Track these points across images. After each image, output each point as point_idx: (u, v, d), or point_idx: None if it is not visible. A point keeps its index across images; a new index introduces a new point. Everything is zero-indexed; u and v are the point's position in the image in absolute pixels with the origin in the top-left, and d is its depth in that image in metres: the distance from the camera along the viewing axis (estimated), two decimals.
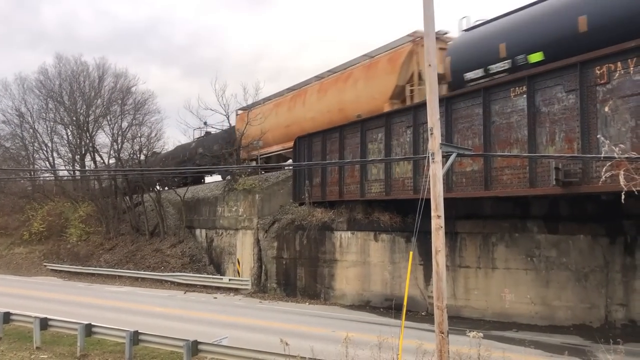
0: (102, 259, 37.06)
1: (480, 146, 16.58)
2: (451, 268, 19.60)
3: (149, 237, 37.05)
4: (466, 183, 17.29)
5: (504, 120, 16.09)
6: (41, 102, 46.44)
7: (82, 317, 17.73)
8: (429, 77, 9.12)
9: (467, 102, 17.32)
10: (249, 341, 14.76)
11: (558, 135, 14.60)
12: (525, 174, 15.32)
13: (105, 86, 44.64)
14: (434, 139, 8.99)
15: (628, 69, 12.95)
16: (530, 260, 18.43)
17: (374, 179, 21.70)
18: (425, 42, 9.15)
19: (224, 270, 30.83)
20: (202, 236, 33.60)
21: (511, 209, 19.00)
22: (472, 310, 19.51)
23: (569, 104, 14.32)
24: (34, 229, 42.69)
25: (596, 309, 17.19)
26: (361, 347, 10.47)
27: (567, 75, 14.35)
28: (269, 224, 27.87)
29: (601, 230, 17.23)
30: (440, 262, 8.92)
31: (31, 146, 48.52)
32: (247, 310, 22.62)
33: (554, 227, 18.10)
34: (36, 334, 16.52)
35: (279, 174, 31.01)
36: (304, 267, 25.44)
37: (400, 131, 20.30)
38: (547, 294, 18.06)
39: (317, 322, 19.34)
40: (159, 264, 33.48)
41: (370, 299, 22.68)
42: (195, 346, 13.48)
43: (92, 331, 15.91)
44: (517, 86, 15.67)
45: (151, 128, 41.77)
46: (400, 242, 21.87)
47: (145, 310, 22.15)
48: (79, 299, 25.55)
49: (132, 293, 28.06)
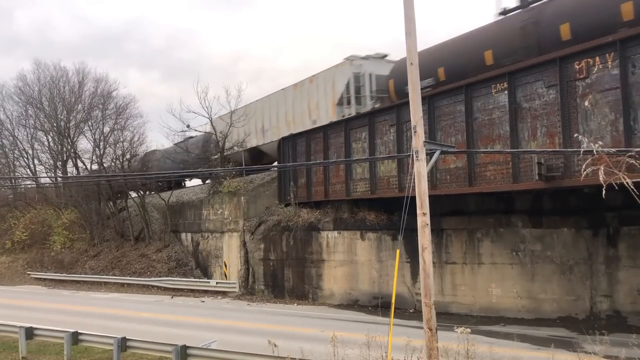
0: (87, 265, 36.63)
1: (463, 143, 16.70)
2: (438, 265, 19.71)
3: (134, 243, 36.74)
4: (450, 180, 17.40)
5: (486, 116, 16.22)
6: (20, 109, 45.95)
7: (69, 325, 17.51)
8: (411, 76, 9.17)
9: (450, 99, 17.43)
10: (238, 344, 14.70)
11: (540, 131, 14.76)
12: (508, 169, 15.46)
13: (86, 91, 44.28)
14: (418, 136, 9.04)
15: (606, 64, 13.14)
16: (515, 255, 18.61)
17: (359, 178, 21.75)
18: (406, 41, 9.19)
19: (210, 274, 30.68)
20: (188, 240, 33.40)
21: (495, 204, 19.17)
22: (460, 306, 19.65)
23: (549, 99, 14.49)
24: (17, 237, 42.11)
25: (581, 300, 17.41)
26: (350, 346, 10.49)
27: (547, 71, 14.52)
28: (255, 225, 27.79)
29: (584, 223, 17.45)
30: (427, 259, 8.97)
31: (11, 154, 47.89)
32: (235, 313, 22.54)
33: (538, 221, 18.30)
34: (22, 344, 16.28)
35: (264, 175, 30.95)
36: (291, 268, 25.42)
37: (384, 130, 20.37)
38: (532, 287, 18.25)
39: (306, 323, 19.33)
40: (145, 269, 33.19)
41: (359, 297, 22.73)
42: (184, 351, 13.38)
43: (79, 339, 15.71)
44: (498, 82, 15.82)
45: (133, 132, 41.48)
46: (386, 240, 21.95)
47: (132, 316, 21.96)
48: (65, 306, 25.25)
49: (119, 299, 27.81)
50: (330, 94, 25.68)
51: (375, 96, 24.39)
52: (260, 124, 31.82)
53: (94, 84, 44.12)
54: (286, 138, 26.98)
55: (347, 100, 24.84)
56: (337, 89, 25.31)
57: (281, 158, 27.51)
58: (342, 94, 25.04)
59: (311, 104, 27.11)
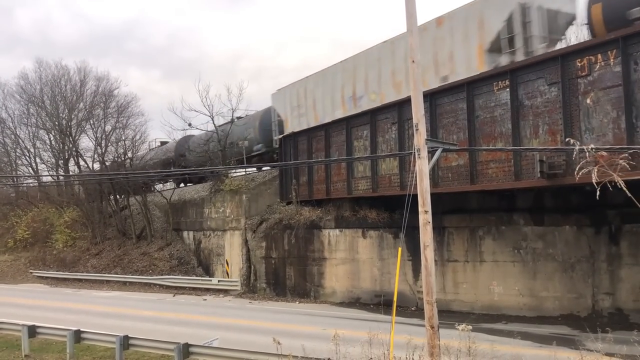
0: (89, 264, 36.70)
1: (465, 141, 16.68)
2: (440, 262, 19.71)
3: (136, 241, 36.78)
4: (452, 178, 17.39)
5: (487, 114, 16.20)
6: (22, 108, 45.92)
7: (71, 324, 17.55)
8: (413, 73, 9.15)
9: (451, 97, 17.42)
10: (239, 342, 14.71)
11: (541, 128, 14.74)
12: (510, 167, 15.45)
13: (87, 90, 44.20)
14: (420, 134, 9.03)
15: (608, 61, 13.12)
16: (517, 253, 18.59)
17: (360, 177, 21.75)
18: (409, 39, 9.18)
19: (212, 272, 30.71)
20: (190, 238, 33.43)
21: (497, 202, 19.16)
22: (462, 304, 19.65)
23: (551, 96, 14.48)
24: (19, 235, 42.19)
25: (583, 298, 17.39)
26: (352, 344, 10.48)
27: (549, 69, 14.51)
28: (256, 224, 27.81)
29: (586, 221, 17.43)
30: (429, 257, 8.96)
31: (13, 152, 47.97)
32: (237, 311, 22.56)
33: (540, 219, 18.28)
34: (24, 342, 16.31)
35: (265, 173, 30.97)
36: (293, 266, 25.44)
37: (386, 128, 20.36)
38: (534, 285, 18.24)
39: (308, 321, 19.34)
40: (146, 267, 33.24)
41: (360, 295, 22.74)
42: (186, 349, 13.40)
43: (81, 337, 15.74)
44: (500, 80, 15.81)
45: (135, 131, 41.48)
46: (388, 238, 21.95)
47: (134, 315, 21.99)
48: (67, 305, 25.29)
49: (121, 297, 27.84)
50: (475, 38, 18.09)
51: (549, 37, 16.91)
52: (350, 90, 23.15)
53: (96, 82, 44.15)
54: (287, 136, 26.97)
55: (507, 44, 17.07)
56: (488, 30, 17.80)
57: (282, 156, 27.50)
58: (497, 35, 17.35)
59: (439, 55, 19.26)
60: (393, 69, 20.80)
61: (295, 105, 26.64)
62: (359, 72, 22.78)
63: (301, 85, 26.56)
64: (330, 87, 24.25)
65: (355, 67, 22.98)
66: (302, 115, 26.19)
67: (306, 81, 26.24)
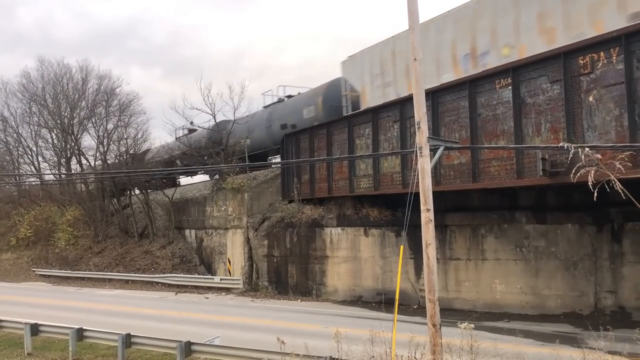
0: (91, 262, 36.79)
1: (467, 139, 16.65)
2: (442, 261, 19.69)
3: (138, 239, 36.84)
4: (454, 176, 17.37)
5: (490, 112, 16.17)
6: (24, 106, 46.12)
7: (73, 322, 17.59)
8: (415, 71, 9.14)
9: (453, 95, 17.37)
10: (241, 340, 14.75)
11: (544, 126, 14.70)
12: (512, 165, 15.42)
13: (89, 88, 44.36)
14: (421, 132, 9.02)
15: (611, 58, 13.07)
16: (519, 251, 18.57)
17: (362, 175, 21.73)
18: (410, 37, 9.16)
19: (214, 270, 30.74)
20: (192, 236, 33.46)
21: (499, 200, 19.14)
22: (464, 302, 19.64)
23: (553, 94, 14.43)
24: (21, 234, 42.30)
25: (586, 296, 17.37)
26: (354, 342, 10.49)
27: (551, 66, 14.45)
28: (258, 222, 27.82)
29: (588, 219, 17.40)
30: (431, 255, 8.96)
31: (15, 151, 48.12)
32: (239, 309, 22.58)
33: (542, 217, 18.26)
34: (27, 340, 16.36)
35: (267, 172, 30.96)
36: (295, 264, 25.45)
37: (387, 126, 20.33)
38: (537, 283, 18.22)
39: (310, 319, 19.35)
40: (149, 265, 33.30)
41: (362, 294, 22.74)
42: (188, 347, 13.44)
43: (83, 335, 15.80)
44: (502, 78, 15.74)
45: (137, 129, 41.54)
46: (390, 236, 21.94)
47: (136, 313, 22.03)
48: (69, 303, 25.35)
49: (123, 296, 27.89)
50: None
51: None
52: (467, 45, 18.51)
53: (98, 81, 44.29)
54: (289, 135, 26.95)
55: None
56: None
57: (284, 154, 27.48)
58: None
59: None
60: (541, 12, 16.19)
61: (378, 73, 22.15)
62: (480, 21, 18.12)
63: (386, 47, 21.79)
64: (433, 44, 19.39)
65: (476, 15, 18.28)
66: (388, 84, 21.61)
67: (393, 41, 21.45)
